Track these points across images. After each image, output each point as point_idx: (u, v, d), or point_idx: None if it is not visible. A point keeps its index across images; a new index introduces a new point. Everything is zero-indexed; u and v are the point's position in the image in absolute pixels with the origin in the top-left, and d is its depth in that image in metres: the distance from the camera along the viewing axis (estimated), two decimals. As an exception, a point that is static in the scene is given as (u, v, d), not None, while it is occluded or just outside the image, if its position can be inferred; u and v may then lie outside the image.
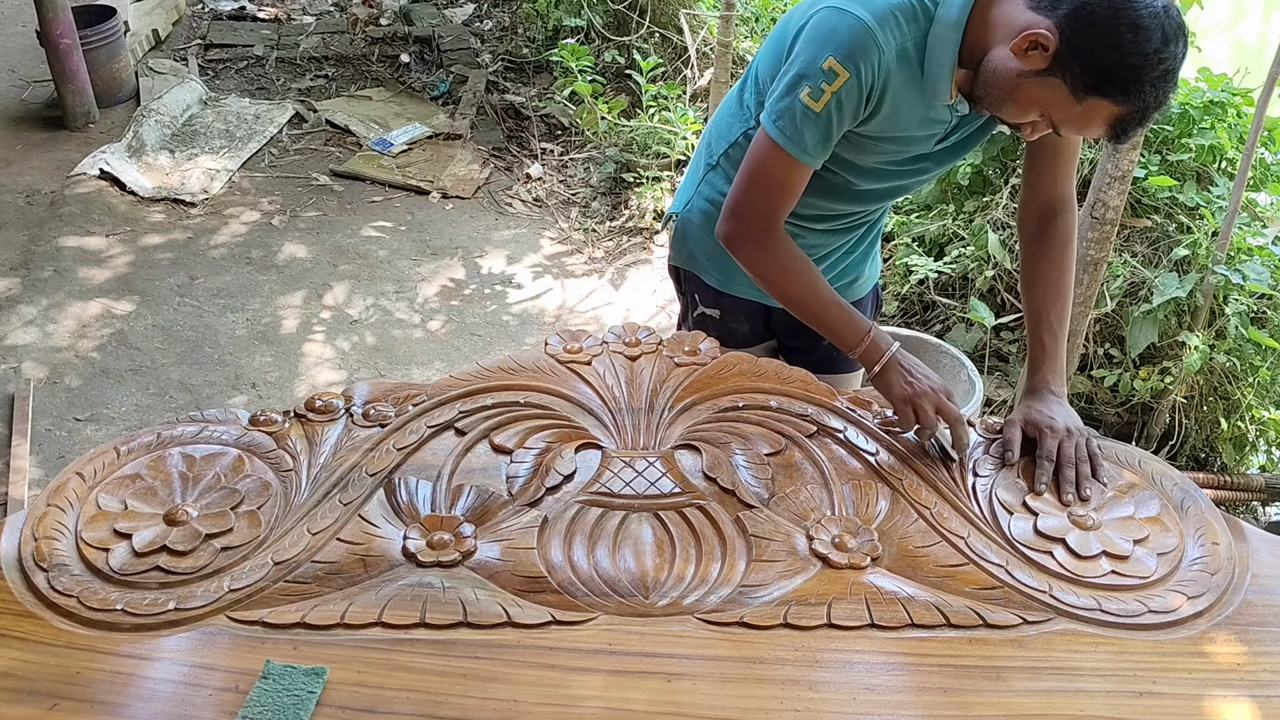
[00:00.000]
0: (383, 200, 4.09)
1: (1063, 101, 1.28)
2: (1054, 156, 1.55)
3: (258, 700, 1.06)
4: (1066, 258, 1.54)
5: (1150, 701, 1.13)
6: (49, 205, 3.87)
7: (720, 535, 1.29)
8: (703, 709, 1.10)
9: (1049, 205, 1.57)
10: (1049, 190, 1.56)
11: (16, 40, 5.22)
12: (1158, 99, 1.26)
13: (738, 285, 1.75)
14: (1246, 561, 1.31)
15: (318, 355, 3.25)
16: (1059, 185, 1.56)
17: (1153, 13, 1.22)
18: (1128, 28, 1.21)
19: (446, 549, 1.25)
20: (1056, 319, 1.52)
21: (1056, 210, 1.55)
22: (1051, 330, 1.52)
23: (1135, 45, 1.22)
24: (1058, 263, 1.54)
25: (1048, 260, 1.55)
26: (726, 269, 1.73)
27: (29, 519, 1.25)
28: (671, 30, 4.45)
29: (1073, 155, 1.56)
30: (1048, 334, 1.52)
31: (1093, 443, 1.42)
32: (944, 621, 1.20)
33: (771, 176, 1.47)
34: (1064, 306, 1.53)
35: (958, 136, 1.55)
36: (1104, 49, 1.23)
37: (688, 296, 1.88)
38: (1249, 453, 2.83)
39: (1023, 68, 1.29)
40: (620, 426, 1.44)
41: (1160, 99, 1.26)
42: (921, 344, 2.86)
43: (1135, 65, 1.23)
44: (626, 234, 3.88)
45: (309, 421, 1.42)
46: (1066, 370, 1.60)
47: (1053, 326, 1.52)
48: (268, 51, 5.15)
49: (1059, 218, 1.56)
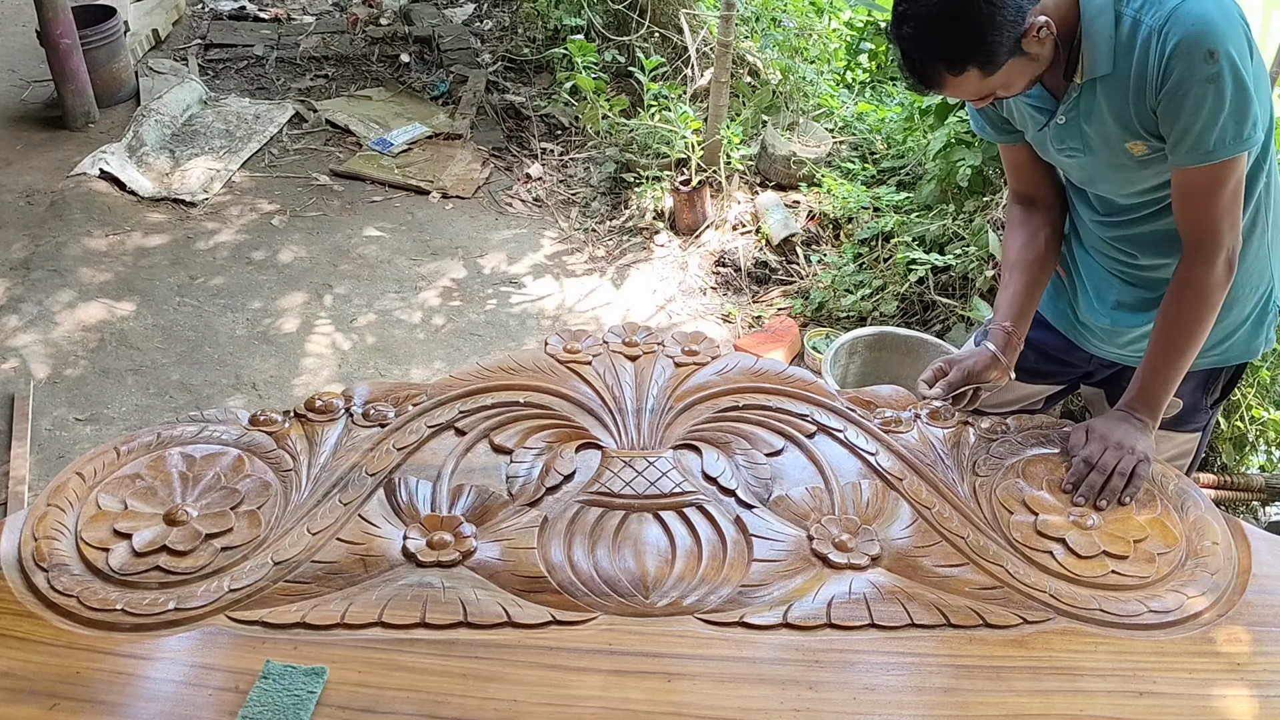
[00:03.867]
0: (383, 200, 4.09)
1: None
2: (1174, 193, 1.48)
3: (258, 700, 1.06)
4: (1176, 296, 1.49)
5: (1150, 701, 1.13)
6: (49, 205, 3.87)
7: (720, 535, 1.29)
8: (703, 709, 1.10)
9: (1183, 243, 1.51)
10: (1178, 227, 1.51)
11: (16, 40, 5.22)
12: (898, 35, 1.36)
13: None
14: (1247, 561, 1.31)
15: (318, 355, 3.25)
16: (1179, 223, 1.49)
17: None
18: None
19: (446, 549, 1.25)
20: (1159, 353, 1.51)
21: (1186, 249, 1.50)
22: (1151, 362, 1.52)
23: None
24: (1170, 299, 1.50)
25: (1166, 297, 1.52)
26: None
27: (29, 519, 1.25)
28: (671, 30, 4.44)
29: (1189, 197, 1.45)
30: (1147, 364, 1.52)
31: (1140, 466, 1.42)
32: (944, 621, 1.20)
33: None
34: (1166, 342, 1.50)
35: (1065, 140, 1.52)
36: None
37: None
38: (1249, 453, 2.83)
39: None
40: (620, 426, 1.44)
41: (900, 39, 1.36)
42: (921, 344, 2.86)
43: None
44: (627, 234, 3.88)
45: (309, 421, 1.42)
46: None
47: (1153, 359, 1.52)
48: (268, 51, 5.14)
49: (1182, 257, 1.50)
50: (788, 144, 3.86)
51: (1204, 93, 1.33)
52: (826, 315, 3.35)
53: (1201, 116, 1.34)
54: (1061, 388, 1.87)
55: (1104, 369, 1.78)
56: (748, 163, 3.94)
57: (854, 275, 3.37)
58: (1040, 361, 1.80)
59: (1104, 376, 1.80)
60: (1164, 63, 1.34)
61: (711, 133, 3.79)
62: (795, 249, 3.63)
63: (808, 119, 4.04)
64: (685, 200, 3.76)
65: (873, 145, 3.93)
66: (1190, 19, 1.32)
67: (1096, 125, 1.46)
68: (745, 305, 3.53)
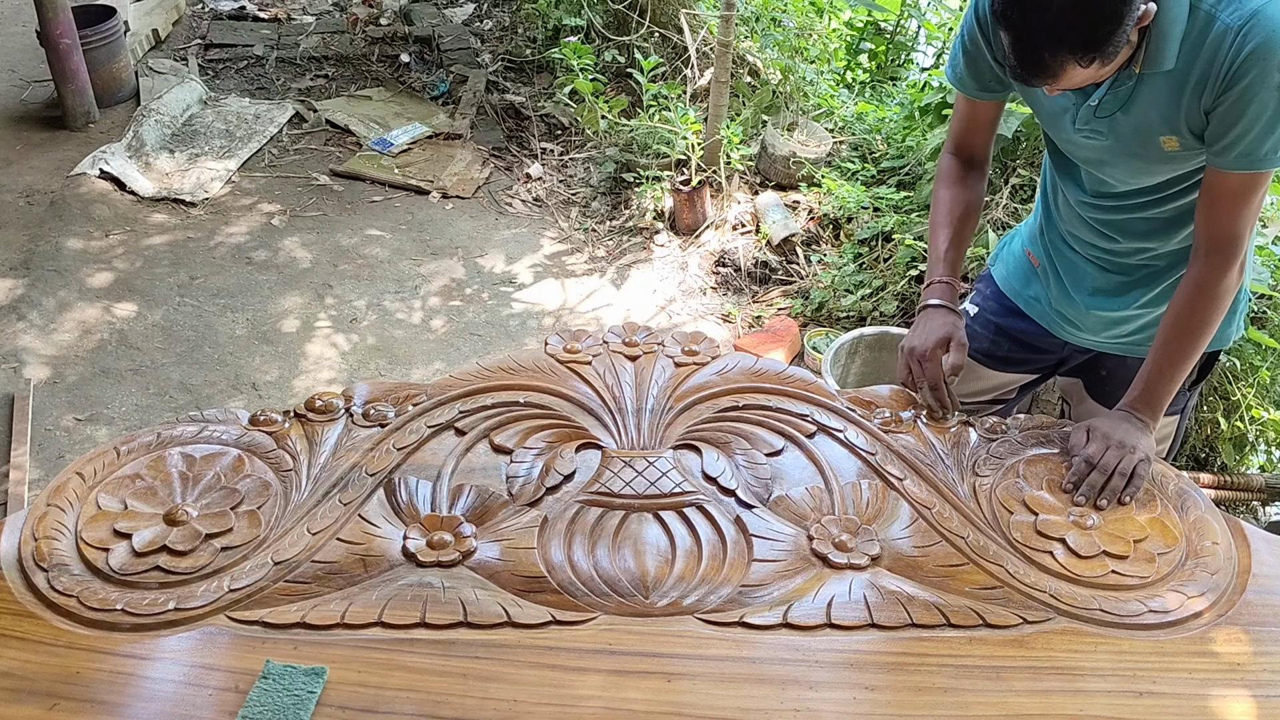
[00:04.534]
0: (383, 200, 4.09)
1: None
2: (1203, 195, 1.46)
3: (258, 700, 1.06)
4: (1185, 298, 1.48)
5: (1150, 701, 1.13)
6: (49, 205, 3.87)
7: (720, 535, 1.29)
8: (703, 709, 1.10)
9: (1196, 244, 1.50)
10: (1197, 228, 1.49)
11: (16, 40, 5.21)
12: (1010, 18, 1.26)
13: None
14: (1247, 561, 1.31)
15: (318, 355, 3.25)
16: (1200, 226, 1.47)
17: None
18: None
19: (446, 549, 1.25)
20: (1163, 353, 1.50)
21: (1199, 252, 1.48)
22: (1155, 362, 1.50)
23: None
24: (1178, 300, 1.49)
25: (1175, 297, 1.51)
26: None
27: (29, 519, 1.25)
28: (671, 30, 4.44)
29: (1217, 198, 1.42)
30: (1151, 364, 1.51)
31: (1140, 465, 1.41)
32: (944, 621, 1.20)
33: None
34: (1170, 342, 1.49)
35: (1091, 122, 1.48)
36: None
37: None
38: (1249, 453, 2.83)
39: None
40: (620, 426, 1.44)
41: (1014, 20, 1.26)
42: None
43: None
44: (627, 234, 3.88)
45: (309, 421, 1.42)
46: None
47: (1156, 358, 1.50)
48: (268, 51, 5.14)
49: (1197, 259, 1.48)
50: (788, 144, 3.86)
51: (1269, 100, 1.29)
52: (826, 315, 3.35)
53: (1261, 124, 1.31)
54: (1035, 376, 1.86)
55: (1078, 355, 1.78)
56: (748, 163, 3.94)
57: (854, 275, 3.37)
58: (1014, 349, 1.80)
59: (1078, 364, 1.80)
60: (1235, 64, 1.29)
61: (711, 133, 3.79)
62: (795, 249, 3.63)
63: (808, 119, 4.04)
64: (685, 200, 3.76)
65: (873, 145, 3.93)
66: (1273, 24, 1.27)
67: (1136, 114, 1.41)
68: (745, 305, 3.53)
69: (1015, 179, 3.05)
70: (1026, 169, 3.05)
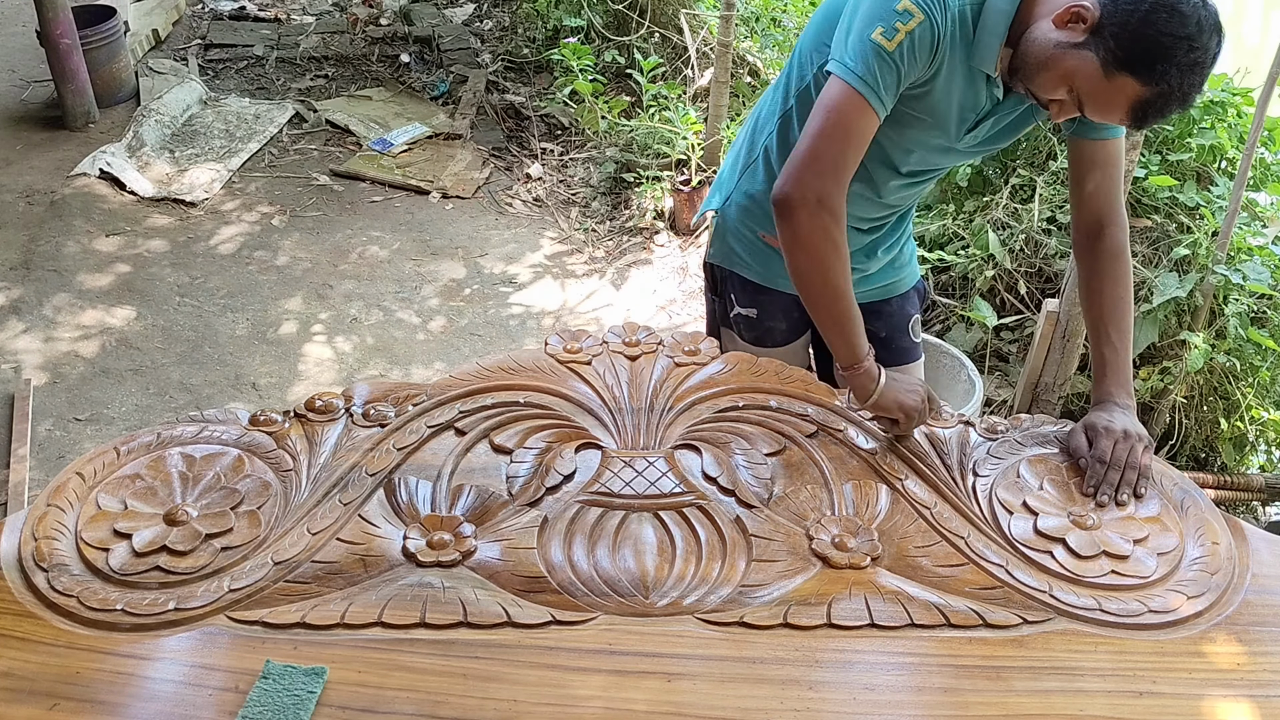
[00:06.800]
0: (383, 200, 4.09)
1: (1092, 76, 1.30)
2: (1097, 169, 1.54)
3: (258, 700, 1.06)
4: (1119, 271, 1.55)
5: (1150, 701, 1.13)
6: (49, 205, 3.87)
7: (720, 535, 1.29)
8: (703, 709, 1.10)
9: (1096, 220, 1.56)
10: (1094, 204, 1.55)
11: (16, 40, 5.22)
12: (1183, 87, 1.27)
13: (779, 279, 1.74)
14: (1246, 561, 1.31)
15: (318, 355, 3.25)
16: (1102, 199, 1.55)
17: (1191, 2, 1.25)
18: (1165, 7, 1.24)
19: (446, 549, 1.25)
20: (1116, 333, 1.53)
21: (1103, 224, 1.55)
22: (1112, 344, 1.53)
23: (1169, 25, 1.24)
24: (1111, 277, 1.55)
25: (1100, 275, 1.55)
26: (768, 262, 1.76)
27: (29, 519, 1.25)
28: (671, 30, 4.44)
29: (1114, 168, 1.55)
30: (1108, 348, 1.53)
31: (1147, 454, 1.43)
32: (944, 621, 1.20)
33: (842, 123, 1.37)
34: (1122, 319, 1.54)
35: (983, 132, 1.55)
36: (1139, 24, 1.25)
37: (723, 298, 1.88)
38: (1249, 453, 2.83)
39: (1060, 39, 1.32)
40: (620, 426, 1.44)
41: (1185, 88, 1.28)
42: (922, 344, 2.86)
43: (1166, 45, 1.25)
44: (627, 234, 3.88)
45: (309, 421, 1.42)
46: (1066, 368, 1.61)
47: (1113, 340, 1.53)
48: (268, 51, 5.15)
49: (1106, 231, 1.55)
50: (788, 144, 3.86)
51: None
52: (826, 315, 3.34)
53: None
54: (811, 327, 1.87)
55: None
56: (748, 163, 3.93)
57: (854, 275, 3.37)
58: (790, 319, 1.83)
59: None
60: None
61: (711, 133, 3.79)
62: (795, 249, 3.63)
63: (808, 119, 4.03)
64: (685, 200, 3.76)
65: (872, 145, 3.92)
66: None
67: (1029, 113, 1.53)
68: (745, 305, 3.53)
69: (1015, 179, 3.06)
70: (1027, 169, 3.05)
